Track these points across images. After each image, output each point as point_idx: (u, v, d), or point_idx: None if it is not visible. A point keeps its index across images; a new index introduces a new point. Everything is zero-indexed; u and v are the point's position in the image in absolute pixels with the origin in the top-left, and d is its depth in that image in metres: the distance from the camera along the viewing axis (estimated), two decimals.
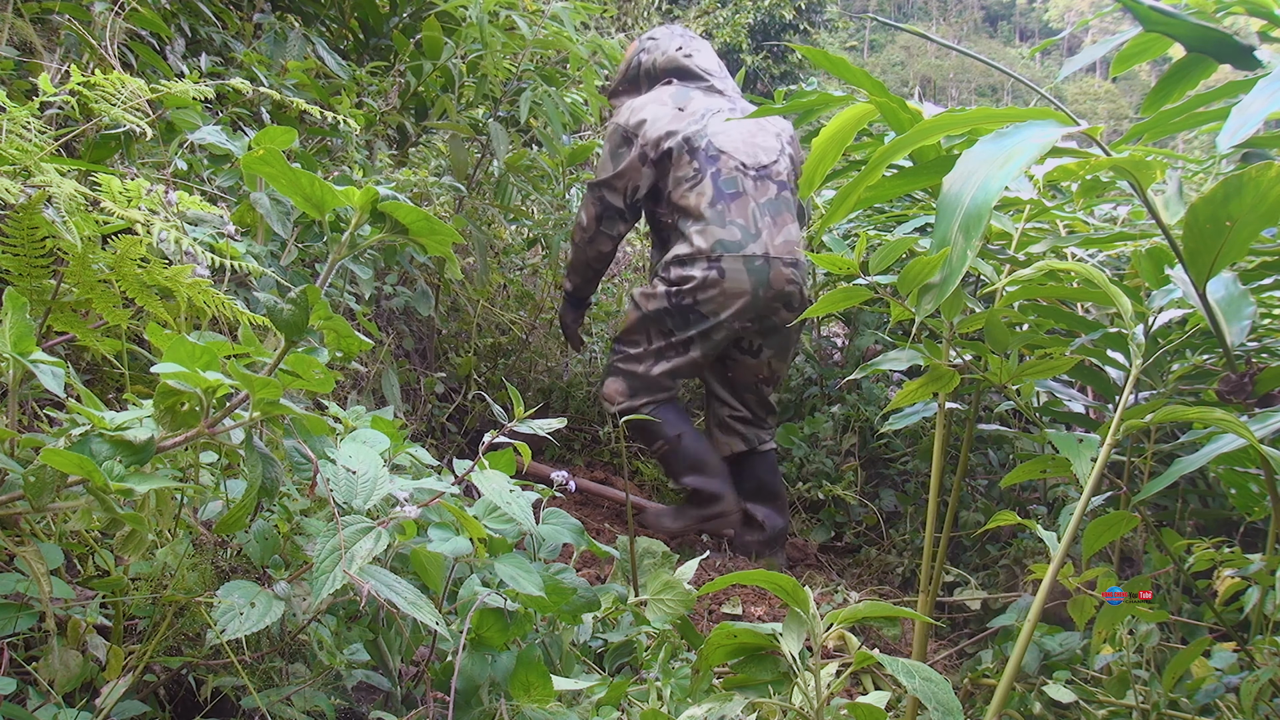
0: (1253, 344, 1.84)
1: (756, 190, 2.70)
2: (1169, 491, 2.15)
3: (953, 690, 1.08)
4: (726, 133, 2.73)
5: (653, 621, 1.66)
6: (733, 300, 2.64)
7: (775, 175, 2.75)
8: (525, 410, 1.30)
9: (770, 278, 2.64)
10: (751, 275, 2.63)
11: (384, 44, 2.98)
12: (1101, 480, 1.49)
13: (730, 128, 2.74)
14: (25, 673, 1.00)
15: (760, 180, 2.72)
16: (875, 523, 3.00)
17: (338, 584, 0.97)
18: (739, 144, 2.73)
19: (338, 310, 2.04)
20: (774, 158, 2.77)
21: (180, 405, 0.99)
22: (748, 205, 2.67)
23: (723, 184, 2.67)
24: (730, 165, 2.70)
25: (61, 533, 1.09)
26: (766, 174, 2.73)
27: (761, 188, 2.71)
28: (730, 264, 2.62)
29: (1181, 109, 1.50)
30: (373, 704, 1.33)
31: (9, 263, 1.14)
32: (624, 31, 6.99)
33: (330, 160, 2.45)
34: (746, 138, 2.76)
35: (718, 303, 2.64)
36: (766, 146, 2.78)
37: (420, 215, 1.07)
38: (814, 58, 1.66)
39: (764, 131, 2.80)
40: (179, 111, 1.66)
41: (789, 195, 2.75)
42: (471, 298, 3.32)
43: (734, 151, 2.72)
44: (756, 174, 2.72)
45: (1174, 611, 1.82)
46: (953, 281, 1.18)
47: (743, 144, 2.74)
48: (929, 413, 1.89)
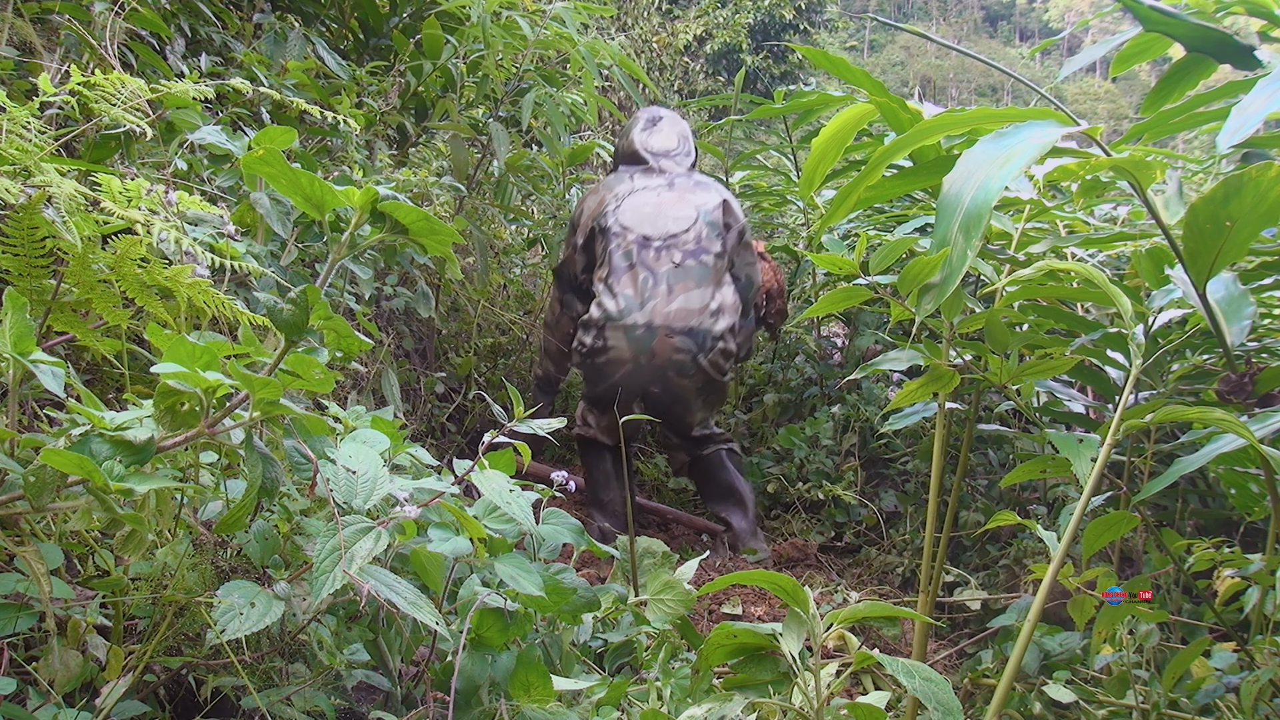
0: (1253, 344, 1.84)
1: (657, 260, 2.81)
2: (1169, 491, 2.15)
3: (953, 690, 1.08)
4: (635, 209, 2.89)
5: (653, 621, 1.66)
6: (618, 366, 2.79)
7: (683, 244, 2.82)
8: (524, 410, 1.30)
9: (653, 346, 2.74)
10: (632, 344, 2.76)
11: (384, 44, 2.98)
12: (1101, 480, 1.49)
13: (640, 203, 2.90)
14: (25, 673, 1.00)
15: (664, 250, 2.82)
16: (875, 523, 3.00)
17: (338, 584, 0.97)
18: (644, 218, 2.87)
19: (338, 310, 2.03)
20: (685, 227, 2.85)
21: (180, 405, 0.99)
22: (638, 276, 2.80)
23: (619, 258, 2.84)
24: (629, 239, 2.85)
25: (61, 533, 1.09)
26: (673, 243, 2.83)
27: (665, 257, 2.81)
28: (613, 333, 2.78)
29: (1181, 109, 1.50)
30: (373, 704, 1.33)
31: (9, 263, 1.14)
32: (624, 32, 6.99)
33: (330, 160, 2.45)
34: (656, 211, 2.88)
35: (609, 367, 2.80)
36: (679, 216, 2.87)
37: (420, 215, 1.07)
38: (814, 58, 1.66)
39: (682, 203, 2.90)
40: (179, 111, 1.65)
41: (696, 263, 2.81)
42: (471, 298, 3.32)
43: (635, 226, 2.86)
44: (661, 244, 2.82)
45: (1174, 611, 1.82)
46: (953, 281, 1.18)
47: (649, 217, 2.87)
48: (929, 413, 1.89)
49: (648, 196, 2.91)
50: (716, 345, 2.77)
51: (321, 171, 2.15)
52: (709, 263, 2.81)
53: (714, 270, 2.82)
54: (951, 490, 1.90)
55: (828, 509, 3.07)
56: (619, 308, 2.77)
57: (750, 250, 2.97)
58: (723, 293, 2.82)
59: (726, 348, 2.79)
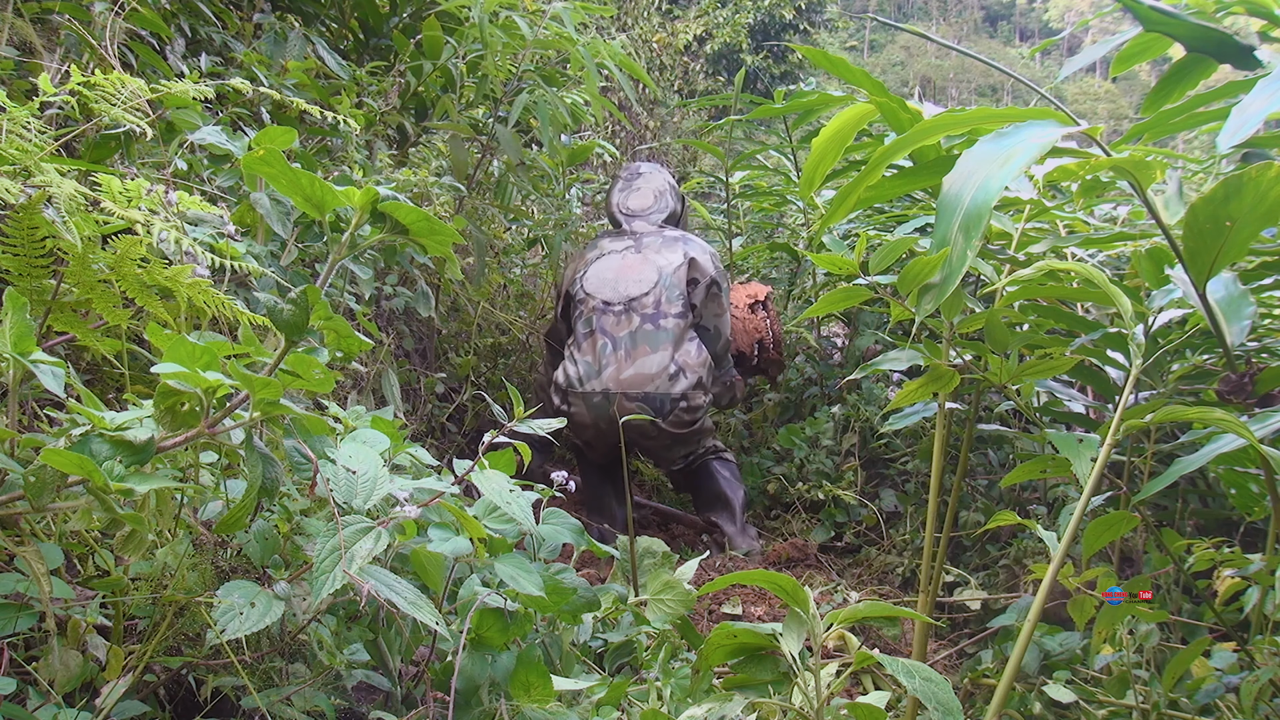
0: (1253, 344, 1.84)
1: (617, 325, 2.83)
2: (1169, 491, 2.14)
3: (953, 690, 1.08)
4: (599, 275, 2.93)
5: (653, 621, 1.66)
6: (583, 430, 2.84)
7: (641, 308, 2.84)
8: (524, 410, 1.29)
9: (611, 413, 2.77)
10: (591, 410, 2.80)
11: (384, 44, 2.98)
12: (1101, 480, 1.49)
13: (604, 269, 2.93)
14: (25, 673, 1.00)
15: (624, 315, 2.84)
16: (875, 523, 3.00)
17: (338, 584, 0.97)
18: (605, 283, 2.90)
19: (338, 310, 2.04)
20: (645, 290, 2.87)
21: (180, 405, 0.99)
22: (597, 342, 2.83)
23: (581, 324, 2.90)
24: (590, 305, 2.89)
25: (61, 533, 1.09)
26: (633, 307, 2.84)
27: (624, 321, 2.84)
28: (574, 399, 2.83)
29: (1181, 109, 1.50)
30: (373, 704, 1.33)
31: (9, 263, 1.14)
32: (624, 32, 6.98)
33: (330, 160, 2.45)
34: (618, 275, 2.91)
35: (577, 430, 2.85)
36: (640, 279, 2.88)
37: (420, 215, 1.07)
38: (814, 58, 1.66)
39: (645, 265, 2.91)
40: (179, 111, 1.65)
41: (654, 327, 2.82)
42: (471, 298, 3.33)
43: (596, 291, 2.90)
44: (621, 309, 2.85)
45: (1174, 611, 1.82)
46: (953, 281, 1.18)
47: (610, 282, 2.90)
48: (929, 413, 1.89)
49: (612, 261, 2.95)
50: (677, 406, 2.79)
51: (321, 171, 2.15)
52: (668, 325, 2.82)
53: (674, 331, 2.83)
54: (951, 490, 1.90)
55: (828, 509, 3.07)
56: (578, 374, 2.81)
57: (718, 302, 2.97)
58: (685, 351, 2.82)
59: (690, 405, 2.81)
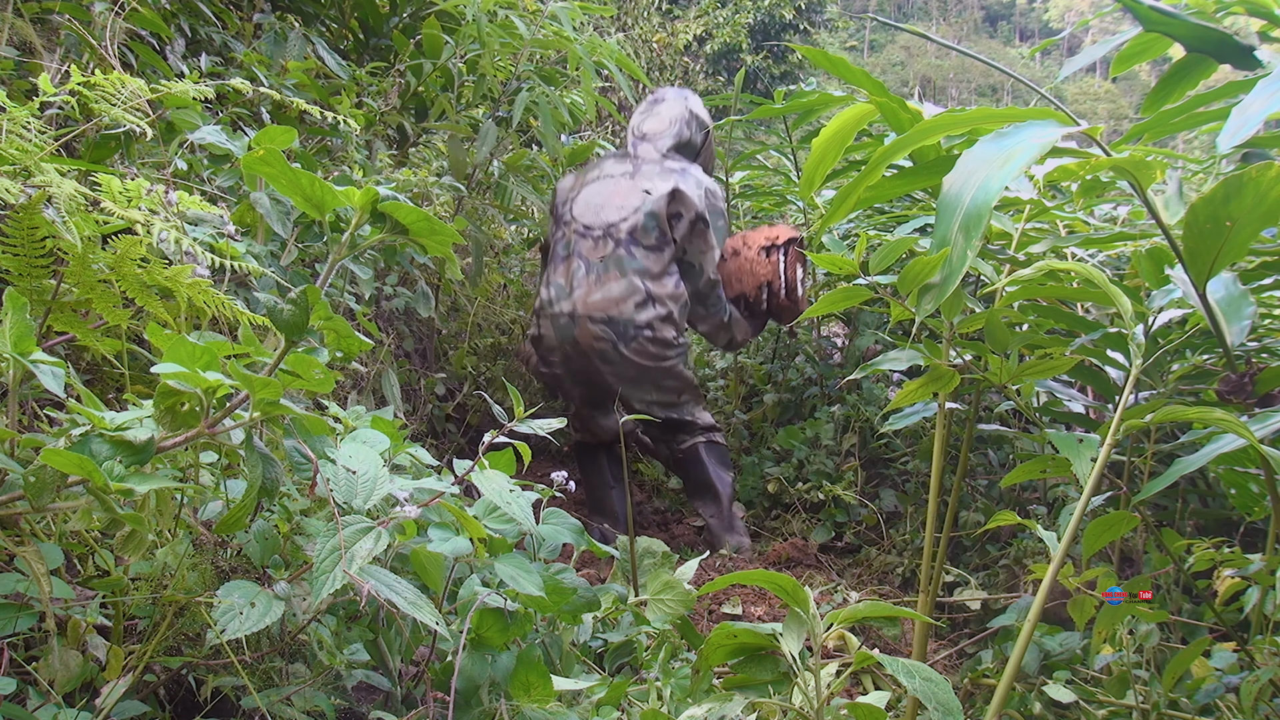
0: (1253, 344, 1.84)
1: (593, 249, 2.82)
2: (1169, 491, 2.15)
3: (953, 690, 1.08)
4: (587, 199, 2.90)
5: (653, 621, 1.66)
6: (552, 353, 2.86)
7: (616, 233, 2.81)
8: (525, 410, 1.29)
9: (576, 334, 2.77)
10: (558, 331, 2.82)
11: (384, 44, 2.98)
12: (1101, 480, 1.49)
13: (594, 192, 2.90)
14: (25, 673, 1.00)
15: (601, 239, 2.82)
16: (875, 523, 3.00)
17: (338, 584, 0.97)
18: (590, 208, 2.88)
19: (338, 310, 2.04)
20: (624, 215, 2.83)
21: (180, 405, 0.99)
22: (572, 265, 2.82)
23: (560, 247, 2.89)
24: (572, 229, 2.88)
25: (61, 533, 1.09)
26: (610, 233, 2.82)
27: (600, 246, 2.82)
28: (544, 320, 2.85)
29: (1181, 109, 1.50)
30: (373, 704, 1.33)
31: (9, 263, 1.14)
32: (624, 31, 6.99)
33: (330, 160, 2.45)
34: (605, 200, 2.87)
35: (546, 354, 2.88)
36: (622, 205, 2.85)
37: (420, 215, 1.07)
38: (814, 58, 1.66)
39: (633, 192, 2.87)
40: (179, 111, 1.65)
41: (626, 253, 2.80)
42: (471, 297, 3.33)
43: (580, 215, 2.88)
44: (600, 234, 2.83)
45: (1174, 611, 1.82)
46: (953, 281, 1.18)
47: (594, 206, 2.87)
48: (929, 413, 1.89)
49: (605, 185, 2.91)
50: (640, 334, 2.75)
51: (321, 171, 2.15)
52: (639, 254, 2.79)
53: (646, 261, 2.79)
54: (951, 490, 1.90)
55: (828, 509, 3.07)
56: (550, 296, 2.83)
57: (704, 239, 2.88)
58: (660, 283, 2.79)
59: (656, 336, 2.76)
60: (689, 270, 2.89)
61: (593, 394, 2.88)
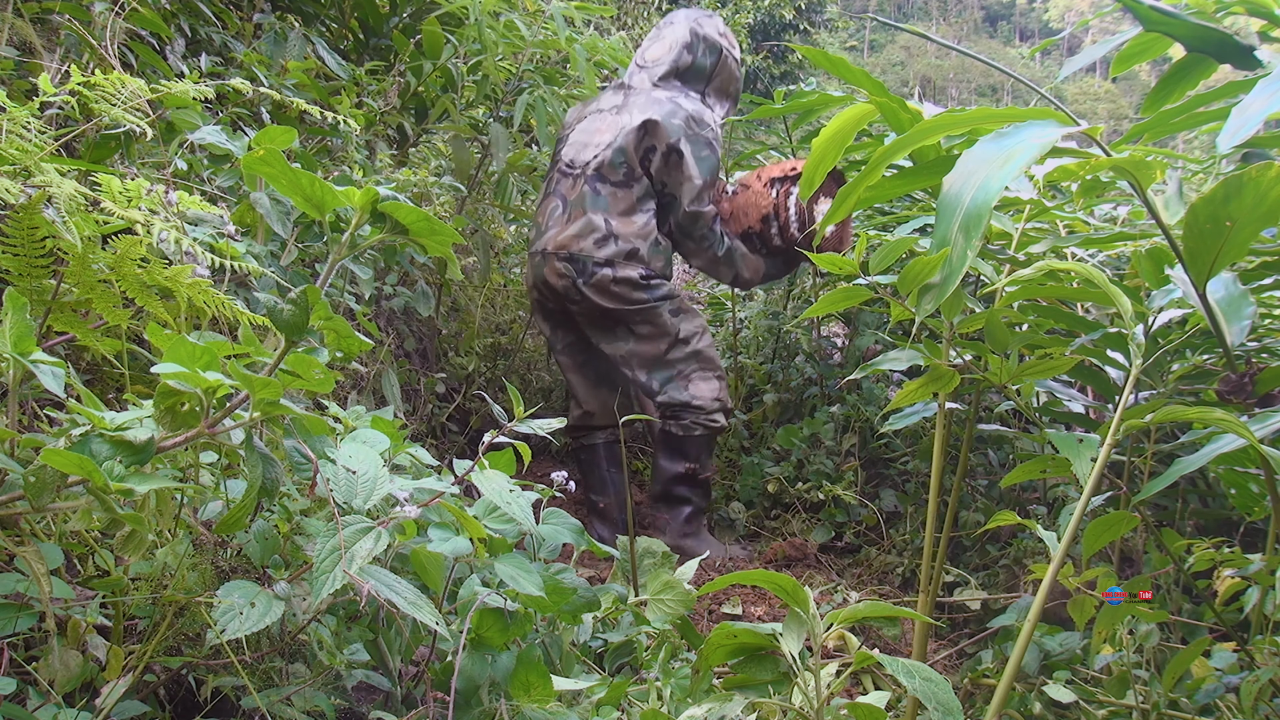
0: (1253, 344, 1.84)
1: (570, 188, 2.79)
2: (1169, 491, 2.14)
3: (953, 690, 1.08)
4: (577, 138, 2.86)
5: (653, 621, 1.66)
6: (531, 292, 2.90)
7: (586, 170, 2.76)
8: (525, 410, 1.29)
9: (544, 272, 2.76)
10: (533, 270, 2.83)
11: (384, 44, 2.98)
12: (1101, 480, 1.49)
13: (583, 129, 2.86)
14: (25, 673, 1.00)
15: (576, 177, 2.79)
16: (875, 523, 3.00)
17: (338, 584, 0.97)
18: (575, 145, 2.84)
19: (338, 310, 2.04)
20: (596, 153, 2.76)
21: (180, 405, 0.99)
22: (550, 204, 2.81)
23: (546, 185, 2.89)
24: (557, 168, 2.86)
25: (61, 533, 1.09)
26: (581, 170, 2.78)
27: (574, 185, 2.78)
28: (527, 260, 2.90)
29: (1181, 109, 1.50)
30: (373, 704, 1.33)
31: (9, 263, 1.14)
32: (624, 30, 6.99)
33: (330, 160, 2.45)
34: (588, 138, 2.82)
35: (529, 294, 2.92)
36: (597, 142, 2.78)
37: (420, 215, 1.07)
38: (814, 58, 1.66)
39: (613, 125, 2.79)
40: (179, 111, 1.65)
41: (591, 190, 2.73)
42: (471, 297, 3.33)
43: (565, 153, 2.86)
44: (578, 171, 2.79)
45: (1174, 611, 1.82)
46: (953, 281, 1.18)
47: (579, 145, 2.83)
48: (929, 413, 1.89)
49: (592, 121, 2.84)
50: (600, 271, 2.68)
51: (321, 171, 2.15)
52: (604, 191, 2.72)
53: (612, 198, 2.72)
54: (951, 490, 1.89)
55: (828, 509, 3.07)
56: (530, 236, 2.85)
57: (679, 169, 2.72)
58: (629, 220, 2.71)
59: (617, 275, 2.68)
60: (671, 203, 2.78)
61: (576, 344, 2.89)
